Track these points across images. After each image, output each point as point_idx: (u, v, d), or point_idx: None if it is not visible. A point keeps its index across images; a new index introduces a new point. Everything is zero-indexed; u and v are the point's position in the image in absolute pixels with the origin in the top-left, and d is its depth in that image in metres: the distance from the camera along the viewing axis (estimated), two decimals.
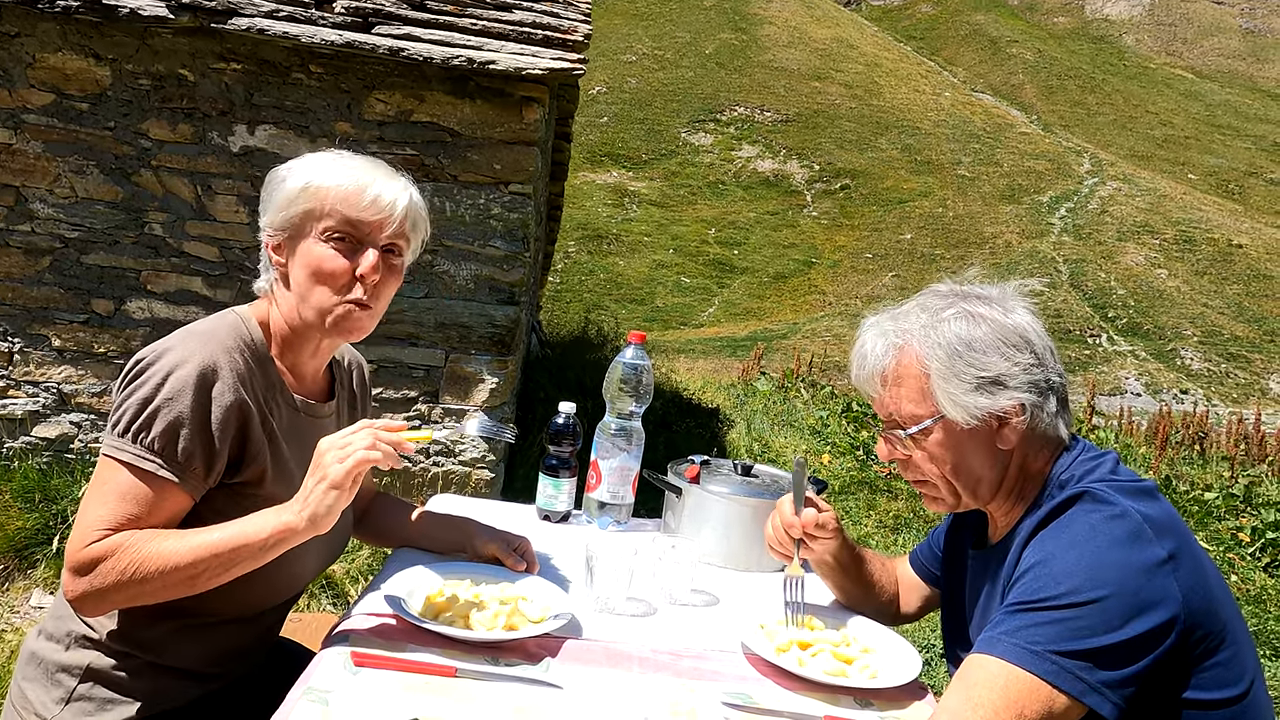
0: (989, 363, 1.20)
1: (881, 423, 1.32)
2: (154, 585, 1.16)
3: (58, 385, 3.87)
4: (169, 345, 1.24)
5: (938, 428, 1.24)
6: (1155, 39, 58.99)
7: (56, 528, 3.49)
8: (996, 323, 1.22)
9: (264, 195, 1.36)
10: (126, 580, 1.15)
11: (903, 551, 4.77)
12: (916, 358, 1.24)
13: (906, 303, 1.31)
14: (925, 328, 1.24)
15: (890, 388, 1.27)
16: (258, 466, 1.28)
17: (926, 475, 1.28)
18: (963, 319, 1.23)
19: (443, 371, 3.98)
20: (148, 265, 3.85)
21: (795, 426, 7.12)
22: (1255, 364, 23.31)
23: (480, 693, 1.14)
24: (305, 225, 1.31)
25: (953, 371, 1.21)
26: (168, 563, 1.15)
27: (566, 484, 1.84)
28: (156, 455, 1.19)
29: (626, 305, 27.30)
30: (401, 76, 3.81)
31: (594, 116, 37.97)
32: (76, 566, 1.16)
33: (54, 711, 1.24)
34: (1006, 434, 1.23)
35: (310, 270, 1.30)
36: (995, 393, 1.20)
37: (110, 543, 1.16)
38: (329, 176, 1.31)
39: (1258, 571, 5.25)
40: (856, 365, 1.31)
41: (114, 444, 1.20)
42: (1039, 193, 34.51)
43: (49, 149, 3.75)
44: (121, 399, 1.21)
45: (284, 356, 1.37)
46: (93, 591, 1.16)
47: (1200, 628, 1.08)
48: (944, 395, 1.21)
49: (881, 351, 1.27)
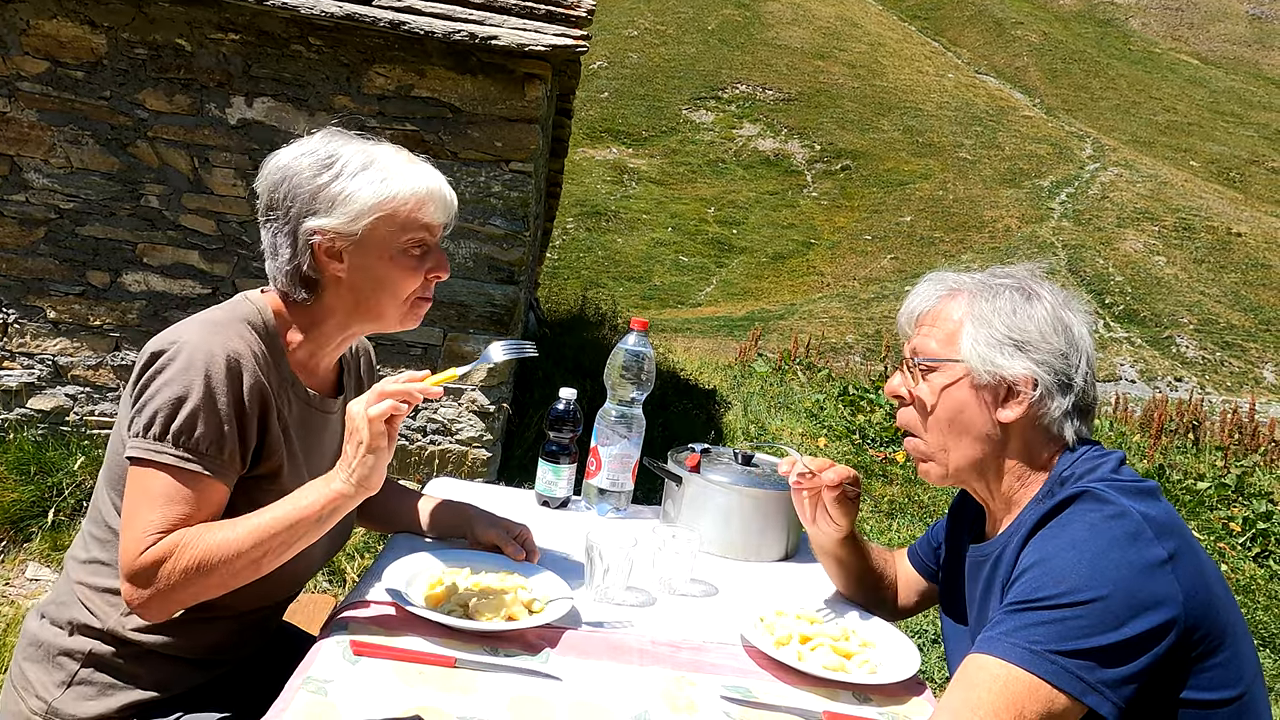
0: (1022, 328, 1.22)
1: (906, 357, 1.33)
2: (220, 576, 1.15)
3: (53, 357, 3.84)
4: (186, 337, 1.20)
5: (950, 369, 1.25)
6: (1161, 23, 58.55)
7: (52, 500, 3.49)
8: (1050, 307, 1.25)
9: (294, 190, 1.26)
10: (193, 577, 1.14)
11: (897, 536, 4.80)
12: (961, 305, 1.27)
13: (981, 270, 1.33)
14: (984, 285, 1.27)
15: (923, 325, 1.30)
16: (275, 459, 1.27)
17: (918, 420, 1.28)
18: (1020, 292, 1.26)
19: (441, 350, 3.97)
20: (144, 238, 3.81)
21: (792, 409, 7.13)
22: (1250, 353, 23.39)
23: (479, 683, 1.14)
24: (379, 234, 1.27)
25: (985, 322, 1.23)
26: (230, 551, 1.14)
27: (566, 470, 1.83)
28: (200, 457, 1.17)
29: (624, 283, 27.24)
30: (402, 50, 3.76)
31: (594, 92, 37.65)
32: (135, 574, 1.14)
33: (55, 694, 1.24)
34: (1012, 405, 1.23)
35: (388, 285, 1.29)
36: (1014, 357, 1.22)
37: (166, 544, 1.14)
38: (403, 182, 1.26)
39: (1247, 561, 5.30)
40: (906, 302, 1.34)
41: (151, 448, 1.16)
42: (1040, 177, 34.38)
43: (44, 118, 3.70)
44: (147, 397, 1.17)
45: (300, 348, 1.33)
46: (158, 595, 1.14)
47: (1200, 628, 1.08)
48: (969, 340, 1.23)
49: (931, 294, 1.31)
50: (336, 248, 1.26)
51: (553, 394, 1.84)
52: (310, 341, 1.33)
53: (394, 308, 1.31)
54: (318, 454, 1.37)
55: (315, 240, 1.26)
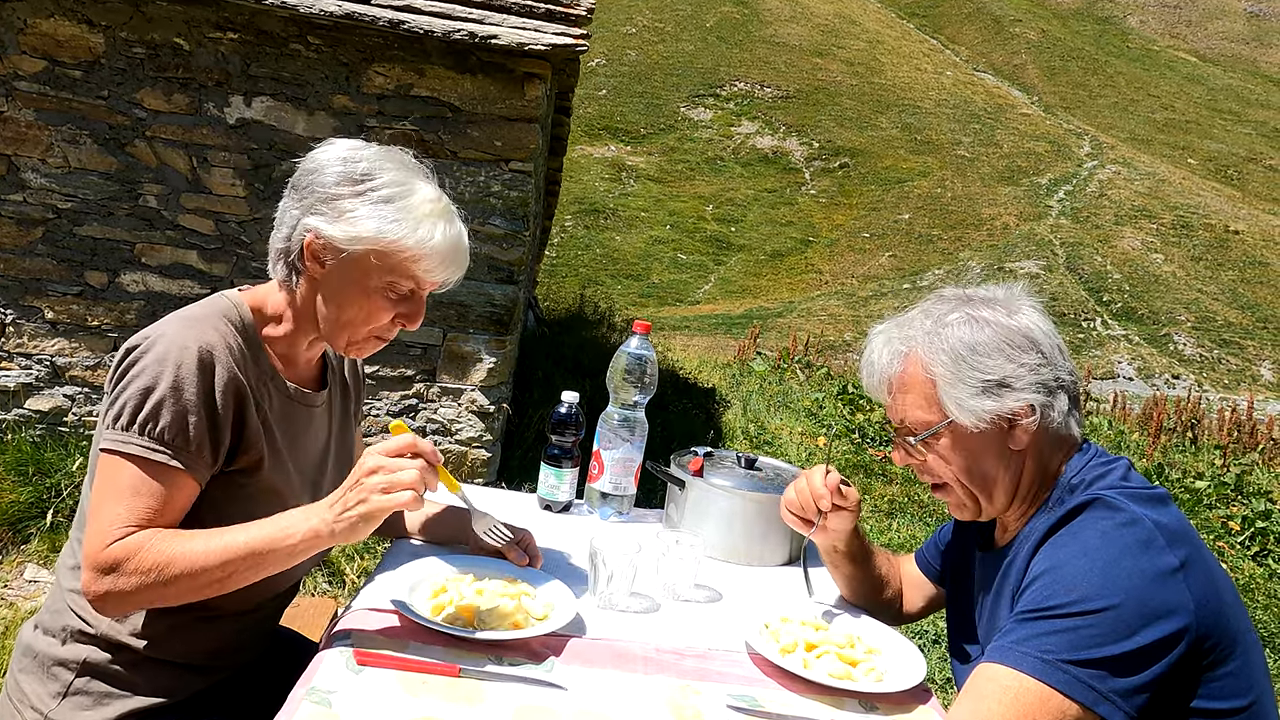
0: (993, 365, 1.20)
1: (894, 428, 1.31)
2: (181, 587, 1.14)
3: (51, 358, 3.83)
4: (161, 331, 1.21)
5: (946, 432, 1.24)
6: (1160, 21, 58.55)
7: (50, 501, 3.47)
8: (1000, 325, 1.22)
9: (313, 184, 1.26)
10: (151, 582, 1.12)
11: (897, 536, 4.80)
12: (922, 364, 1.24)
13: (912, 309, 1.32)
14: (929, 334, 1.24)
15: (898, 394, 1.28)
16: (254, 453, 1.26)
17: (943, 479, 1.28)
18: (966, 324, 1.23)
19: (440, 350, 3.95)
20: (142, 238, 3.80)
21: (791, 408, 7.12)
22: (1248, 350, 23.41)
23: (484, 692, 1.13)
24: (369, 265, 1.25)
25: (957, 376, 1.21)
26: (195, 564, 1.13)
27: (569, 474, 1.82)
28: (166, 446, 1.16)
29: (622, 281, 27.21)
30: (402, 49, 3.74)
31: (592, 89, 37.60)
32: (99, 566, 1.13)
33: (51, 706, 1.23)
34: (1018, 435, 1.22)
35: (357, 310, 1.28)
36: (1002, 395, 1.20)
37: (133, 542, 1.13)
38: (410, 232, 1.24)
39: (1246, 560, 5.30)
40: (865, 374, 1.33)
41: (119, 438, 1.16)
42: (1038, 175, 34.37)
43: (41, 117, 3.68)
44: (119, 390, 1.18)
45: (278, 343, 1.34)
46: (116, 592, 1.13)
47: (1211, 637, 1.08)
48: (950, 400, 1.22)
49: (888, 360, 1.28)
50: (323, 255, 1.27)
51: (552, 394, 1.84)
52: (287, 337, 1.34)
53: (346, 332, 1.30)
54: (301, 447, 1.37)
55: (307, 238, 1.26)
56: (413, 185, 1.28)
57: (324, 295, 1.29)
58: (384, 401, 3.96)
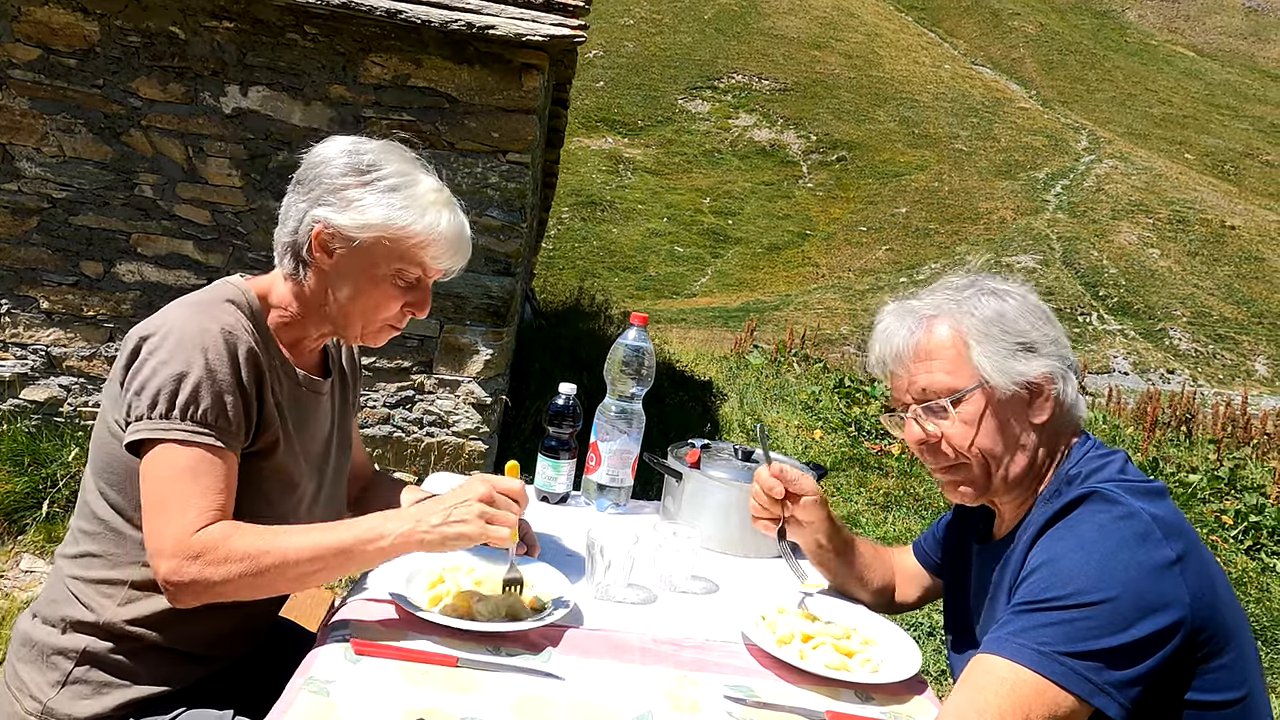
0: (1023, 329, 1.23)
1: (910, 402, 1.28)
2: (272, 577, 1.15)
3: (46, 348, 3.82)
4: (174, 317, 1.21)
5: (976, 396, 1.23)
6: (1158, 15, 58.50)
7: (46, 491, 3.47)
8: (1022, 297, 1.26)
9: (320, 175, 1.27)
10: (244, 570, 1.13)
11: (892, 530, 4.81)
12: (952, 328, 1.25)
13: (925, 291, 1.32)
14: (956, 302, 1.26)
15: (920, 363, 1.26)
16: (271, 434, 1.27)
17: (959, 452, 1.24)
18: (991, 294, 1.26)
19: (437, 342, 3.95)
20: (138, 227, 3.78)
21: (788, 401, 7.13)
22: (1243, 345, 23.48)
23: (482, 683, 1.13)
24: (377, 253, 1.27)
25: (989, 335, 1.23)
26: (288, 556, 1.14)
27: (566, 465, 1.82)
28: (210, 428, 1.17)
29: (619, 273, 27.18)
30: (399, 39, 3.73)
31: (590, 81, 37.48)
32: (187, 553, 1.12)
33: (50, 695, 1.23)
34: (1040, 405, 1.24)
35: (365, 300, 1.29)
36: (1030, 359, 1.22)
37: (218, 530, 1.14)
38: (418, 218, 1.26)
39: (1239, 554, 5.32)
40: (880, 345, 1.30)
41: (159, 427, 1.15)
42: (1035, 169, 34.37)
43: (36, 106, 3.67)
44: (144, 379, 1.17)
45: (285, 331, 1.34)
46: (204, 580, 1.13)
47: (1206, 630, 1.08)
48: (985, 359, 1.22)
49: (911, 328, 1.27)
50: (332, 244, 1.28)
51: (549, 386, 1.84)
52: (293, 327, 1.34)
53: (359, 323, 1.32)
54: (308, 433, 1.38)
55: (316, 228, 1.27)
56: (416, 175, 1.30)
57: (333, 286, 1.30)
58: (380, 393, 3.96)
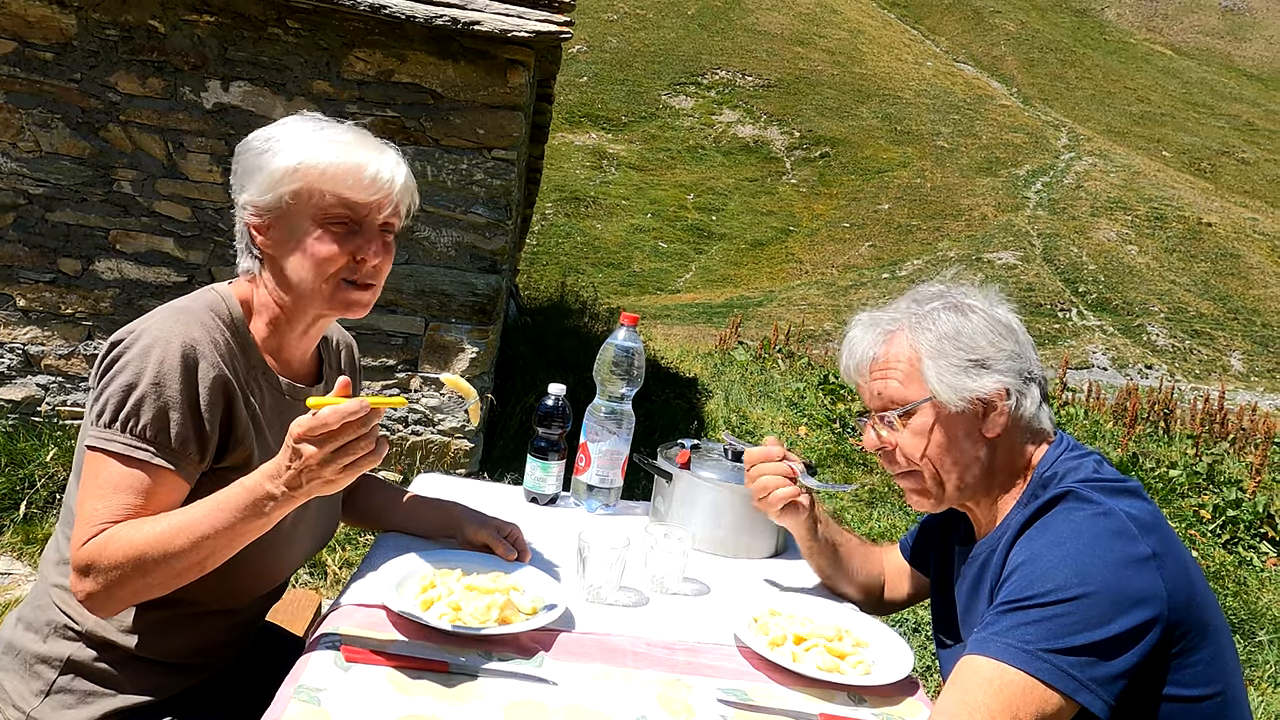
0: (977, 346, 1.25)
1: (870, 410, 1.35)
2: (162, 574, 1.10)
3: (23, 346, 3.76)
4: (146, 326, 1.19)
5: (925, 409, 1.27)
6: (1136, 14, 59.10)
7: (24, 492, 3.42)
8: (985, 312, 1.29)
9: (240, 167, 1.26)
10: (129, 574, 1.09)
11: (878, 526, 4.84)
12: (908, 342, 1.29)
13: (895, 300, 1.37)
14: (916, 316, 1.30)
15: (879, 372, 1.31)
16: (244, 450, 1.24)
17: (911, 462, 1.29)
18: (953, 309, 1.29)
19: (422, 340, 3.92)
20: (117, 224, 3.73)
21: (772, 398, 7.15)
22: (1219, 341, 23.82)
23: (474, 688, 1.12)
24: (296, 207, 1.23)
25: (941, 353, 1.26)
26: (169, 549, 1.09)
27: (555, 466, 1.81)
28: (149, 443, 1.14)
29: (603, 269, 27.15)
30: (383, 35, 3.69)
31: (573, 76, 37.36)
32: (78, 566, 1.11)
33: (33, 704, 1.20)
34: (994, 419, 1.26)
35: (306, 259, 1.24)
36: (981, 375, 1.25)
37: (100, 539, 1.11)
38: (321, 153, 1.22)
39: (1217, 548, 5.40)
40: (845, 355, 1.37)
41: (101, 435, 1.14)
42: (1016, 166, 34.66)
43: (11, 100, 3.60)
44: (101, 387, 1.15)
45: (269, 338, 1.31)
46: (98, 592, 1.10)
47: (1182, 625, 1.10)
48: (934, 375, 1.26)
49: (872, 340, 1.33)
50: (263, 222, 1.25)
51: (534, 383, 1.83)
52: (276, 330, 1.31)
53: (313, 284, 1.24)
54: None
55: (246, 215, 1.26)
56: (317, 125, 1.26)
57: (282, 263, 1.25)
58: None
